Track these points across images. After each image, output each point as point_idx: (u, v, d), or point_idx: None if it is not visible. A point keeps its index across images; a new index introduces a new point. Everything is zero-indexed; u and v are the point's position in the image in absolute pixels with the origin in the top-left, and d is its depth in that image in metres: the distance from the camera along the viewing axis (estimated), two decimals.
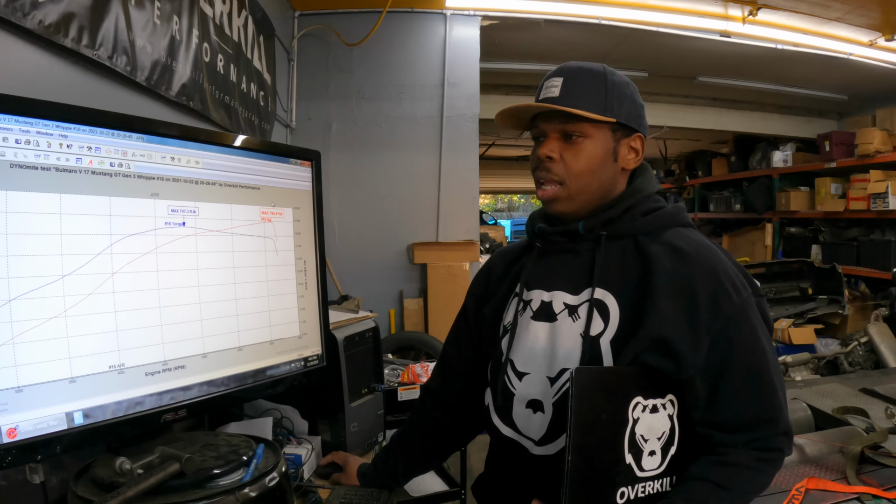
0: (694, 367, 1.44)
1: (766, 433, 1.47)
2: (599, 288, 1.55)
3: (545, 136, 1.60)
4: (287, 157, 1.96)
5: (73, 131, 1.38)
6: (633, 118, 1.61)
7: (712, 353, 1.45)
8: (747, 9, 5.59)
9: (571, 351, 1.54)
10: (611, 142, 1.59)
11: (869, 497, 2.03)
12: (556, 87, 1.57)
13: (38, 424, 1.31)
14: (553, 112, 1.56)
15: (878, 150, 7.18)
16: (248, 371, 1.80)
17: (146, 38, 2.36)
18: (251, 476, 1.51)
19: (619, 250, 1.58)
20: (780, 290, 7.26)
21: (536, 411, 1.59)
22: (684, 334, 1.44)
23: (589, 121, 1.55)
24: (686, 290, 1.46)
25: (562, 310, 1.59)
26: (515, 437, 1.64)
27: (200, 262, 1.65)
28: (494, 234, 11.99)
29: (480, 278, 1.91)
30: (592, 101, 1.54)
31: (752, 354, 1.47)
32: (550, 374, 1.57)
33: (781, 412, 1.48)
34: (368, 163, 5.49)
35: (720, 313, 1.45)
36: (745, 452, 1.45)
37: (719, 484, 1.42)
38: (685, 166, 12.40)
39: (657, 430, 1.46)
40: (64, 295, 1.35)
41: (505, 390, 1.66)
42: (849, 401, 3.03)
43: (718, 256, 1.53)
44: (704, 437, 1.49)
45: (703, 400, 1.47)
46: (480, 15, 5.52)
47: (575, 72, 1.59)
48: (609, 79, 1.59)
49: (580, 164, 1.56)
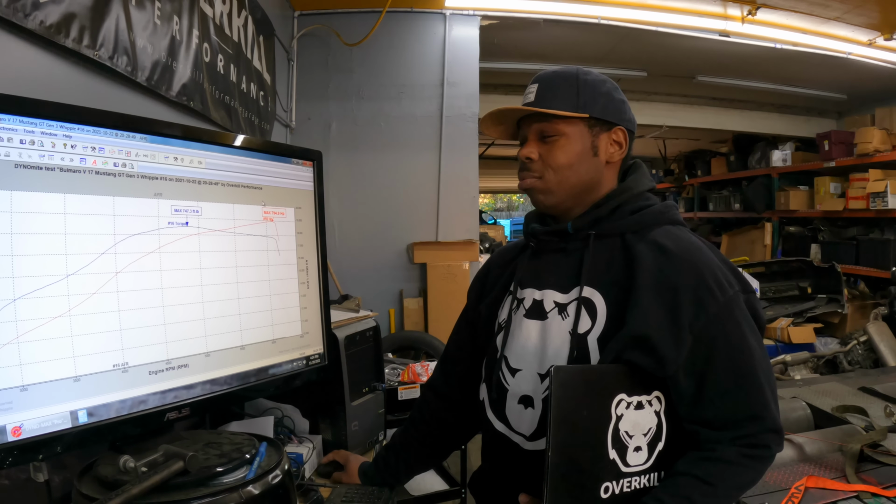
0: (676, 365, 1.45)
1: (752, 430, 1.47)
2: (587, 286, 1.58)
3: (526, 139, 1.67)
4: (289, 157, 1.97)
5: (77, 131, 1.39)
6: (611, 112, 1.64)
7: (696, 351, 1.46)
8: (746, 8, 5.60)
9: (560, 348, 1.57)
10: (587, 137, 1.63)
11: (868, 495, 2.04)
12: (532, 93, 1.64)
13: (43, 423, 1.32)
14: (530, 115, 1.64)
15: (877, 149, 7.18)
16: (251, 370, 1.81)
17: (147, 38, 2.36)
18: (254, 474, 1.52)
19: (607, 248, 1.60)
20: (780, 290, 7.27)
21: (528, 407, 1.63)
22: (666, 332, 1.45)
23: (562, 118, 1.60)
24: (669, 288, 1.47)
25: (552, 308, 1.62)
26: (507, 432, 1.67)
27: (203, 262, 1.66)
28: (494, 233, 11.96)
29: (479, 277, 1.95)
30: (564, 100, 1.61)
31: (737, 352, 1.48)
32: (541, 371, 1.61)
33: (769, 409, 1.49)
34: (368, 162, 5.50)
35: (704, 312, 1.46)
36: (732, 448, 1.46)
37: (704, 480, 1.43)
38: (684, 166, 12.40)
39: (643, 427, 1.48)
40: (68, 294, 1.36)
41: (499, 386, 1.69)
42: (848, 399, 3.04)
43: (704, 254, 1.54)
44: (691, 434, 1.50)
45: (689, 397, 1.48)
46: (480, 15, 5.53)
47: (549, 76, 1.66)
48: (581, 78, 1.64)
49: (557, 160, 1.61)
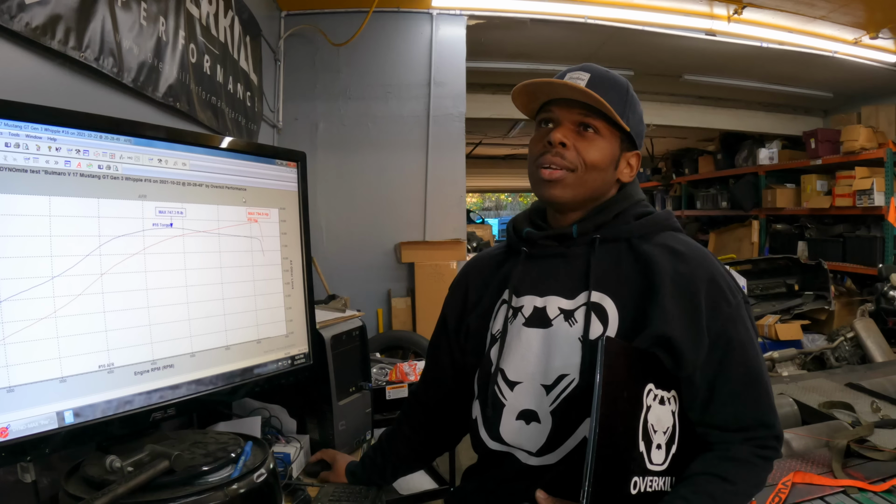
0: (694, 366, 1.45)
1: (762, 433, 1.49)
2: (596, 291, 1.54)
3: (558, 123, 1.57)
4: (273, 158, 1.97)
5: (61, 134, 1.39)
6: (638, 135, 1.63)
7: (712, 352, 1.46)
8: (732, 7, 5.63)
9: (570, 355, 1.52)
10: (616, 148, 1.59)
11: (855, 490, 2.05)
12: (581, 80, 1.53)
13: (30, 424, 1.32)
14: (575, 101, 1.55)
15: (863, 147, 7.23)
16: (236, 370, 1.81)
17: (133, 39, 2.37)
18: (239, 472, 1.53)
19: (612, 253, 1.57)
20: (767, 287, 7.31)
21: (530, 422, 1.56)
22: (686, 333, 1.44)
23: (607, 120, 1.55)
24: (687, 290, 1.47)
25: (557, 315, 1.57)
26: (504, 449, 1.61)
27: (188, 263, 1.66)
28: (482, 232, 11.95)
29: (457, 290, 1.86)
30: (615, 103, 1.53)
31: (748, 356, 1.49)
32: (545, 382, 1.55)
33: (776, 416, 1.51)
34: (355, 162, 5.50)
35: (719, 314, 1.47)
36: (744, 447, 1.46)
37: (725, 478, 1.42)
38: (672, 164, 12.44)
39: (663, 424, 1.44)
40: (54, 296, 1.36)
41: (495, 401, 1.62)
42: (835, 395, 3.06)
43: (712, 259, 1.55)
44: (702, 436, 1.50)
45: (702, 399, 1.48)
46: (466, 14, 5.54)
47: (602, 72, 1.58)
48: (630, 92, 1.60)
49: (592, 157, 1.54)
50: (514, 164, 15.01)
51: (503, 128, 10.21)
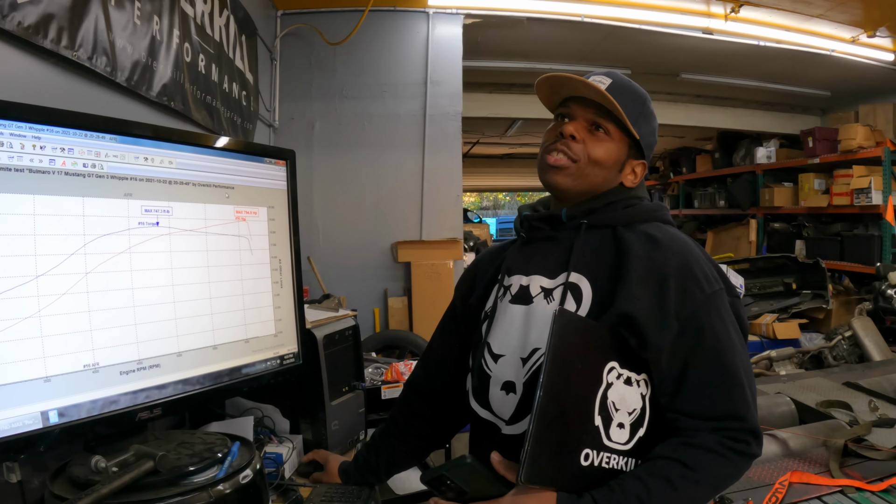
0: (658, 349, 1.46)
1: (733, 426, 1.47)
2: (575, 272, 1.59)
3: (573, 118, 1.65)
4: (262, 156, 1.97)
5: (46, 132, 1.39)
6: (648, 146, 1.71)
7: (681, 339, 1.47)
8: (729, 6, 5.63)
9: (543, 330, 1.54)
10: (624, 153, 1.66)
11: (852, 489, 2.05)
12: (602, 83, 1.62)
13: (14, 423, 1.32)
14: (591, 101, 1.63)
15: (860, 145, 7.23)
16: (224, 369, 1.81)
17: (126, 38, 2.35)
18: (225, 473, 1.53)
19: (597, 238, 1.63)
20: (765, 286, 7.32)
21: (509, 392, 1.63)
22: (651, 314, 1.46)
23: (619, 125, 1.63)
24: (657, 274, 1.49)
25: (538, 293, 1.64)
26: (490, 417, 1.67)
27: (174, 262, 1.66)
28: (479, 232, 11.93)
29: (468, 274, 1.96)
30: (630, 111, 1.62)
31: (721, 346, 1.49)
32: (523, 355, 1.61)
33: (749, 410, 1.49)
34: (351, 162, 5.49)
35: (689, 301, 1.48)
36: (712, 437, 1.46)
37: (685, 464, 1.43)
38: (669, 163, 12.47)
39: (629, 404, 1.47)
40: (38, 295, 1.36)
41: (482, 373, 1.70)
42: (833, 394, 3.06)
43: (691, 248, 1.57)
44: (672, 422, 1.51)
45: (670, 386, 1.49)
46: (463, 13, 5.52)
47: (624, 80, 1.66)
48: (647, 104, 1.70)
49: (598, 153, 1.62)
50: (511, 164, 15.01)
51: (501, 127, 10.21)
